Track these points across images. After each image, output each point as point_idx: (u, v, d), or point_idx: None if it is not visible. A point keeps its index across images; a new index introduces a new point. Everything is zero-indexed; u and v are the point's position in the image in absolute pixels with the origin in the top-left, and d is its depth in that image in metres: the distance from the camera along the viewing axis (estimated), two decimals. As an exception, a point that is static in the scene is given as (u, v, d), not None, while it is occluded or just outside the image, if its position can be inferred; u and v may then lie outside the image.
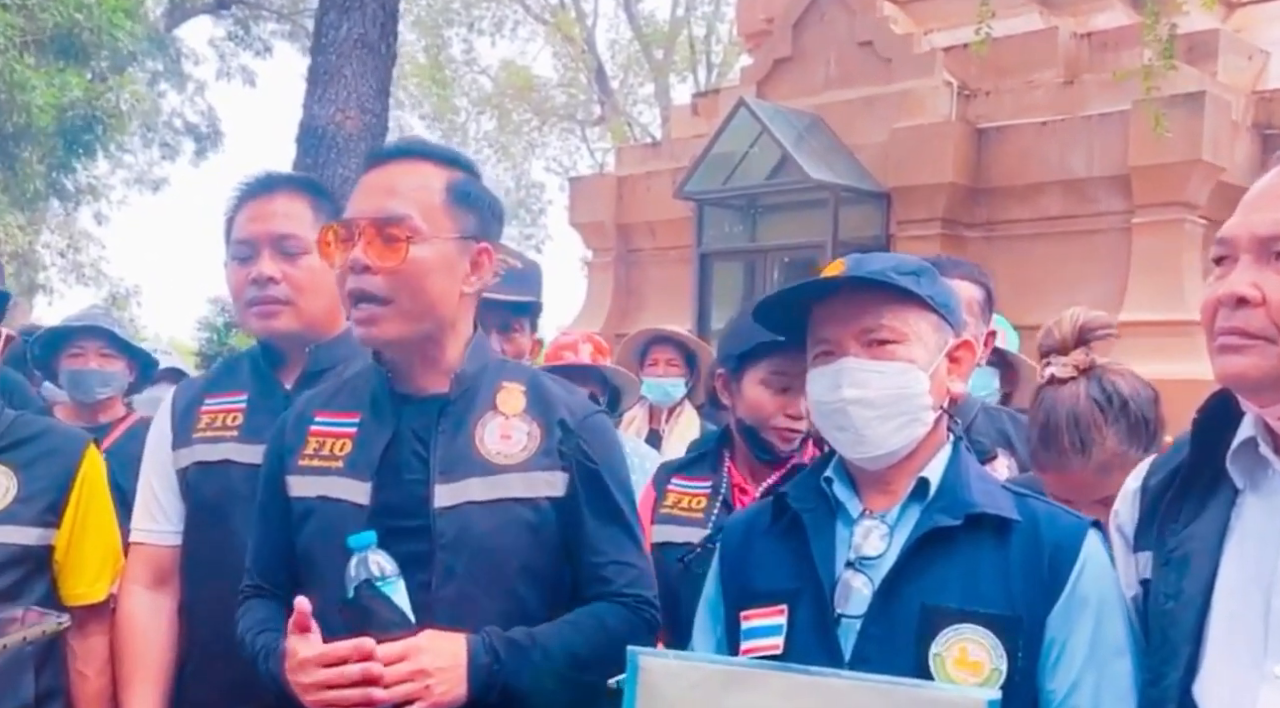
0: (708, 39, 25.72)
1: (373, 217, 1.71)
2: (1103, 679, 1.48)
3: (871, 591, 1.53)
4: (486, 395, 1.79)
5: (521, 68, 26.41)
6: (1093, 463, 1.84)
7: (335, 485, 1.75)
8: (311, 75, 6.25)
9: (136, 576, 2.15)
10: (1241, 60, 9.59)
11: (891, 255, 1.65)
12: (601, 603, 1.77)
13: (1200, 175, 8.31)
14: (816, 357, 1.63)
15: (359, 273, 1.69)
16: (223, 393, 2.18)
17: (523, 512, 1.73)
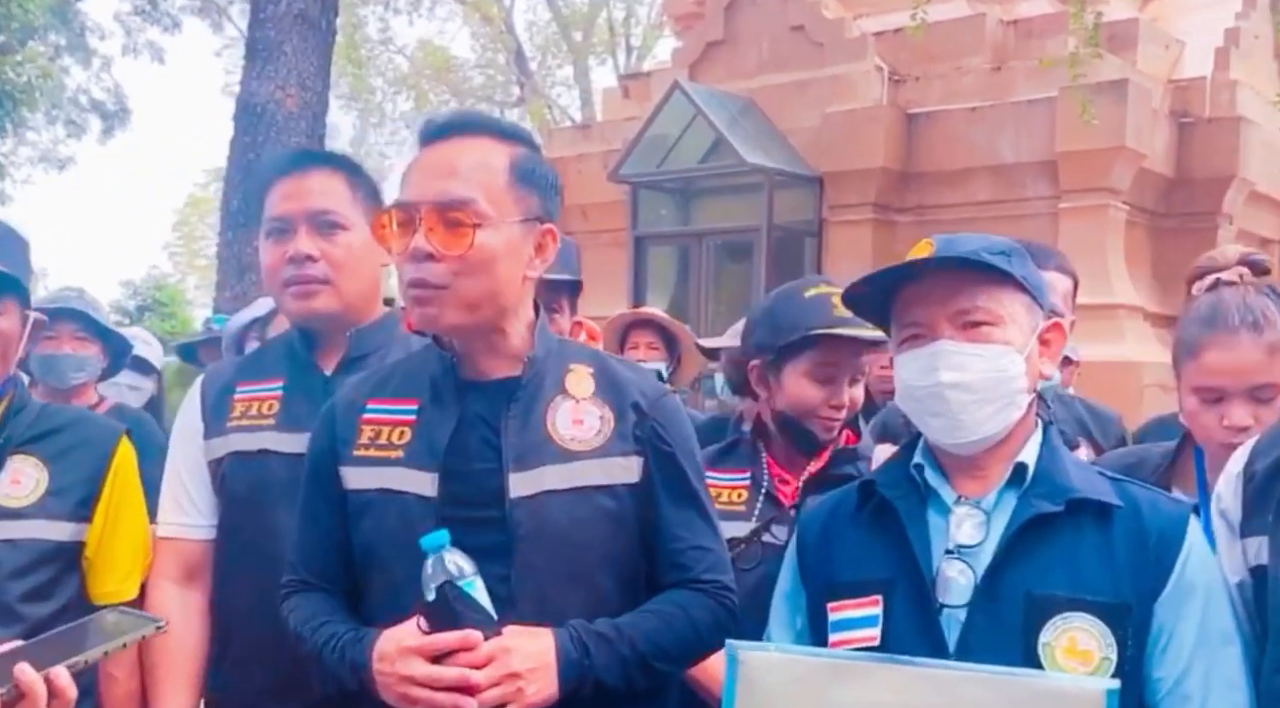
0: (627, 21, 25.66)
1: (435, 201, 1.60)
2: (1212, 667, 1.45)
3: (972, 579, 1.49)
4: (554, 379, 1.71)
5: (439, 48, 26.07)
6: (1264, 340, 1.83)
7: (396, 477, 1.67)
8: (249, 51, 6.06)
9: (166, 571, 2.04)
10: (1159, 49, 9.85)
11: (980, 236, 1.59)
12: (682, 591, 1.71)
13: (1124, 162, 8.52)
14: (905, 340, 1.57)
15: (421, 260, 1.60)
16: (257, 380, 2.07)
17: (601, 500, 1.66)
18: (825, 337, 2.09)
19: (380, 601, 1.67)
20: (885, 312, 1.64)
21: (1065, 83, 8.28)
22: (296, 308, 2.03)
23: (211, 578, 2.06)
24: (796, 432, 2.14)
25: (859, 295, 1.65)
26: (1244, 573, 1.52)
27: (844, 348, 2.10)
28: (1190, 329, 1.91)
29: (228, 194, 6.10)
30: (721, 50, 10.33)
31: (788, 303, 2.19)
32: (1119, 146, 8.37)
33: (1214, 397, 1.86)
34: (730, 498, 2.14)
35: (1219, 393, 1.85)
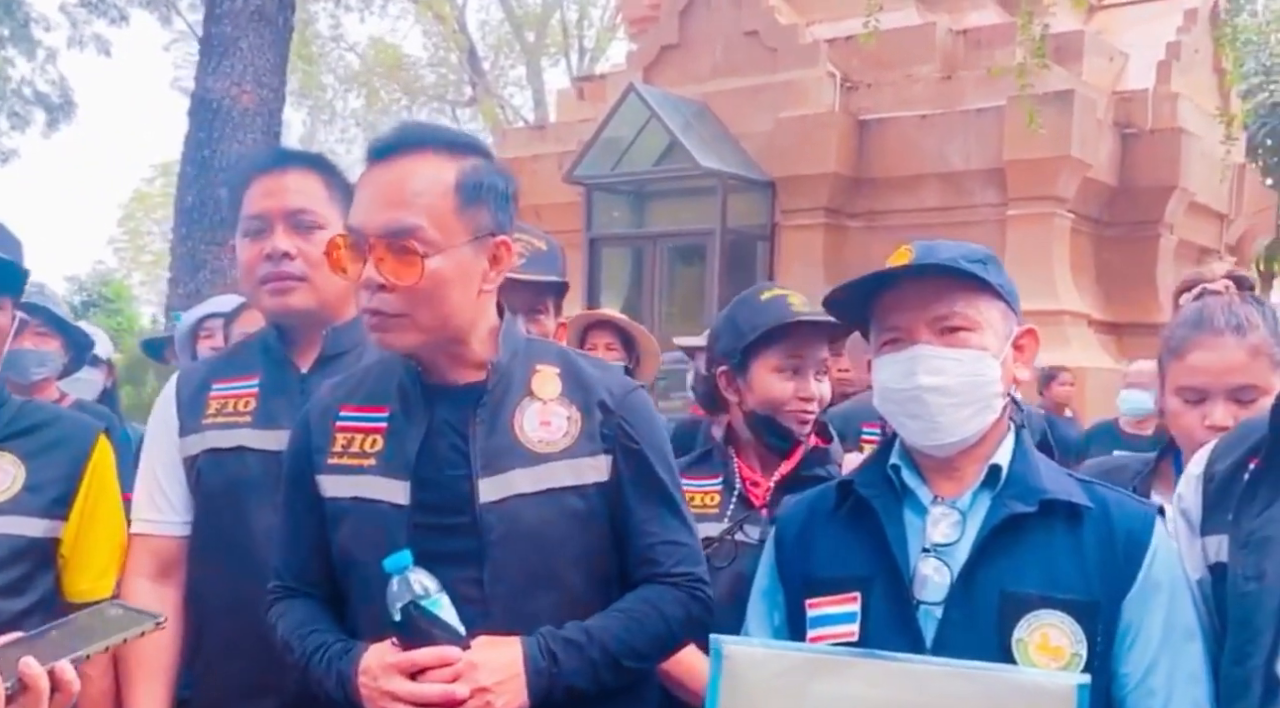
0: (580, 23, 25.67)
1: (382, 231, 1.59)
2: (1176, 662, 1.49)
3: (948, 577, 1.52)
4: (520, 380, 1.71)
5: (391, 46, 25.90)
6: (1246, 343, 1.89)
7: (370, 485, 1.67)
8: (205, 47, 6.01)
9: (140, 568, 2.03)
10: (1104, 61, 10.07)
11: (958, 244, 1.64)
12: (653, 586, 1.71)
13: (1069, 171, 8.70)
14: (884, 343, 1.61)
15: (374, 290, 1.59)
16: (232, 378, 2.07)
17: (571, 500, 1.66)
18: (788, 329, 2.14)
19: (359, 607, 1.68)
20: (864, 317, 1.67)
21: (1013, 92, 8.44)
22: (273, 304, 2.03)
23: (186, 575, 2.06)
24: (769, 430, 2.18)
25: (840, 300, 1.68)
26: (1203, 570, 1.56)
27: (807, 339, 2.15)
28: (1176, 332, 1.98)
29: (182, 190, 6.05)
30: (676, 54, 10.39)
31: (746, 307, 2.24)
32: (1065, 156, 8.54)
33: (1197, 397, 1.94)
34: (703, 502, 2.17)
35: (1202, 393, 1.93)
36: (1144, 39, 10.46)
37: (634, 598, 1.70)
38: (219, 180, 5.87)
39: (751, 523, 2.10)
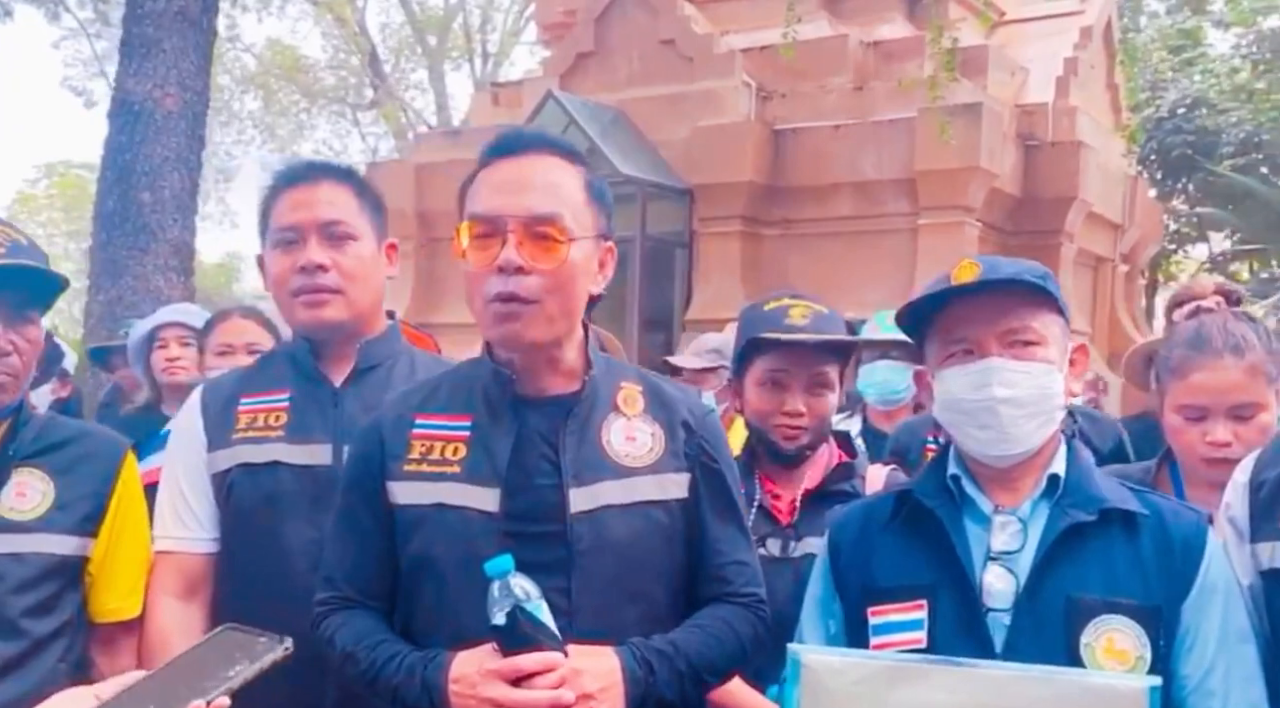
0: (483, 27, 25.53)
1: (525, 215, 1.60)
2: (1232, 663, 1.55)
3: (1014, 584, 1.56)
4: (606, 396, 1.73)
5: (288, 47, 25.42)
6: (1244, 363, 1.99)
7: (454, 492, 1.66)
8: (126, 48, 5.83)
9: (167, 586, 1.99)
10: (1006, 76, 10.39)
11: (1014, 261, 1.69)
12: (725, 606, 1.74)
13: (978, 181, 8.96)
14: (952, 356, 1.64)
15: (511, 274, 1.59)
16: (261, 391, 2.04)
17: (656, 514, 1.68)
18: (771, 343, 2.18)
19: (432, 616, 1.66)
20: (922, 328, 1.70)
21: (923, 104, 8.67)
22: (307, 317, 2.01)
23: (215, 592, 2.01)
24: (762, 442, 2.22)
25: (907, 312, 1.71)
26: (1254, 575, 1.63)
27: (792, 354, 2.18)
28: (1176, 352, 2.08)
29: (103, 195, 5.86)
30: (592, 61, 10.42)
31: (749, 316, 2.26)
32: (974, 166, 8.79)
33: (1197, 414, 2.04)
34: None
35: (1202, 411, 2.03)
36: (1043, 54, 10.82)
37: (709, 615, 1.72)
38: (142, 184, 5.71)
39: (774, 537, 2.12)
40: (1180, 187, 14.82)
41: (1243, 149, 13.59)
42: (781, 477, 2.25)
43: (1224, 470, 2.00)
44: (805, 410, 2.19)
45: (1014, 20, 11.52)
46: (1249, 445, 1.99)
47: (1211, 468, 2.03)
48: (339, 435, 1.97)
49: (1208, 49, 16.17)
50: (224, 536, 2.01)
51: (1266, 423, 2.03)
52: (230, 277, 28.32)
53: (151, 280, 5.80)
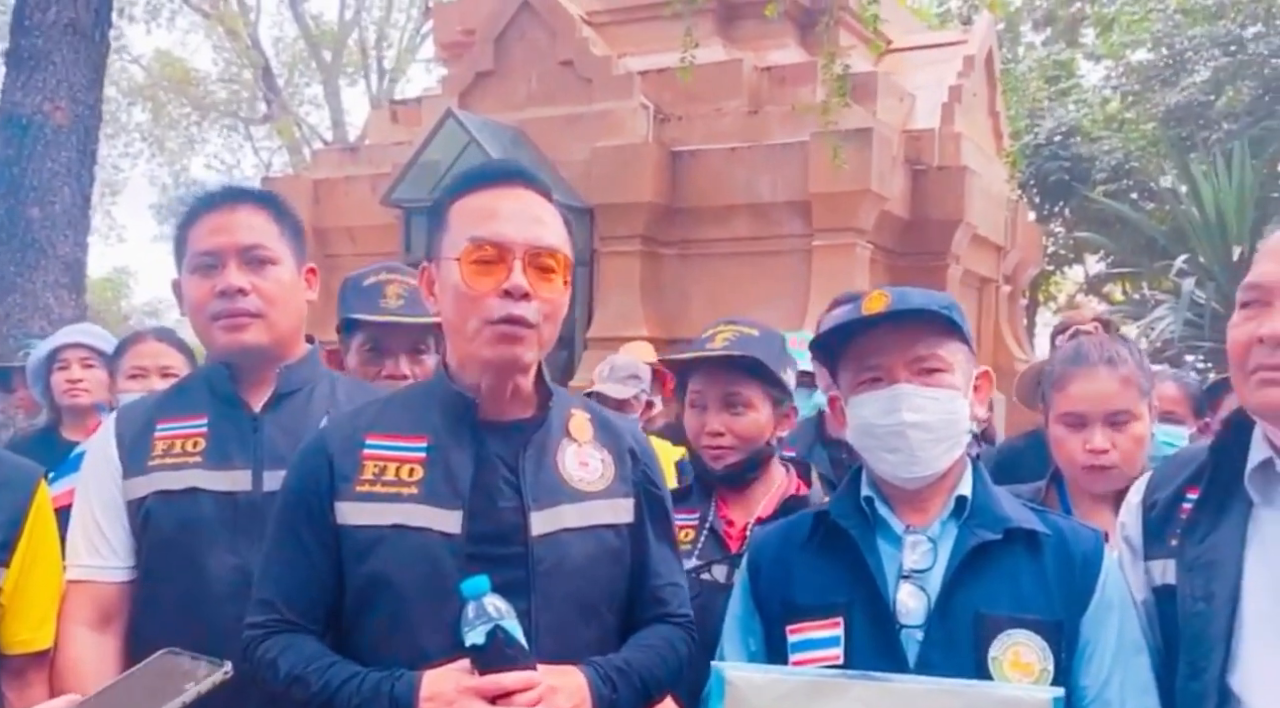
0: (379, 43, 25.33)
1: (531, 245, 1.67)
2: (1128, 674, 1.64)
3: (925, 601, 1.64)
4: (559, 422, 1.78)
5: (178, 59, 24.87)
6: (1118, 373, 2.16)
7: (413, 513, 1.67)
8: (13, 59, 5.70)
9: (80, 616, 1.94)
10: (894, 102, 10.71)
11: (924, 291, 1.79)
12: (664, 626, 1.82)
13: (869, 204, 9.23)
14: (862, 383, 1.72)
15: (517, 299, 1.65)
16: (177, 417, 2.02)
17: (609, 537, 1.75)
18: (688, 365, 2.28)
19: (387, 637, 1.67)
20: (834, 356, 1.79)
21: (816, 128, 8.92)
22: (227, 341, 2.01)
23: (129, 622, 1.99)
24: (697, 463, 2.31)
25: (820, 341, 1.81)
26: (1147, 591, 1.74)
27: (707, 375, 2.28)
28: (1057, 368, 2.25)
29: (-13, 211, 5.73)
30: (491, 80, 10.46)
31: (693, 343, 2.36)
32: (865, 190, 9.05)
33: (1077, 422, 2.21)
34: (679, 537, 2.17)
35: (1081, 418, 2.20)
36: (928, 82, 11.18)
37: (653, 635, 1.81)
38: (31, 200, 5.59)
39: (720, 564, 2.19)
40: (1057, 211, 15.45)
41: (1114, 176, 14.24)
42: (734, 501, 2.30)
43: (1102, 479, 2.18)
44: (724, 430, 2.26)
45: (900, 49, 11.88)
46: (1125, 453, 2.17)
47: (1091, 476, 2.20)
48: (259, 461, 1.96)
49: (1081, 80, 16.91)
50: (141, 564, 1.98)
51: (1139, 433, 2.21)
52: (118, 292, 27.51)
53: (41, 298, 5.68)
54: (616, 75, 10.03)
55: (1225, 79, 12.60)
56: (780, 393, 2.30)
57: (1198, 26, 13.36)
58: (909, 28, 12.59)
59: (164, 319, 30.86)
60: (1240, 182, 9.19)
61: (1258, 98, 11.95)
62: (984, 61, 11.89)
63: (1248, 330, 1.57)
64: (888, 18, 9.65)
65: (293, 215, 2.14)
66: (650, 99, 10.04)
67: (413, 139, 10.30)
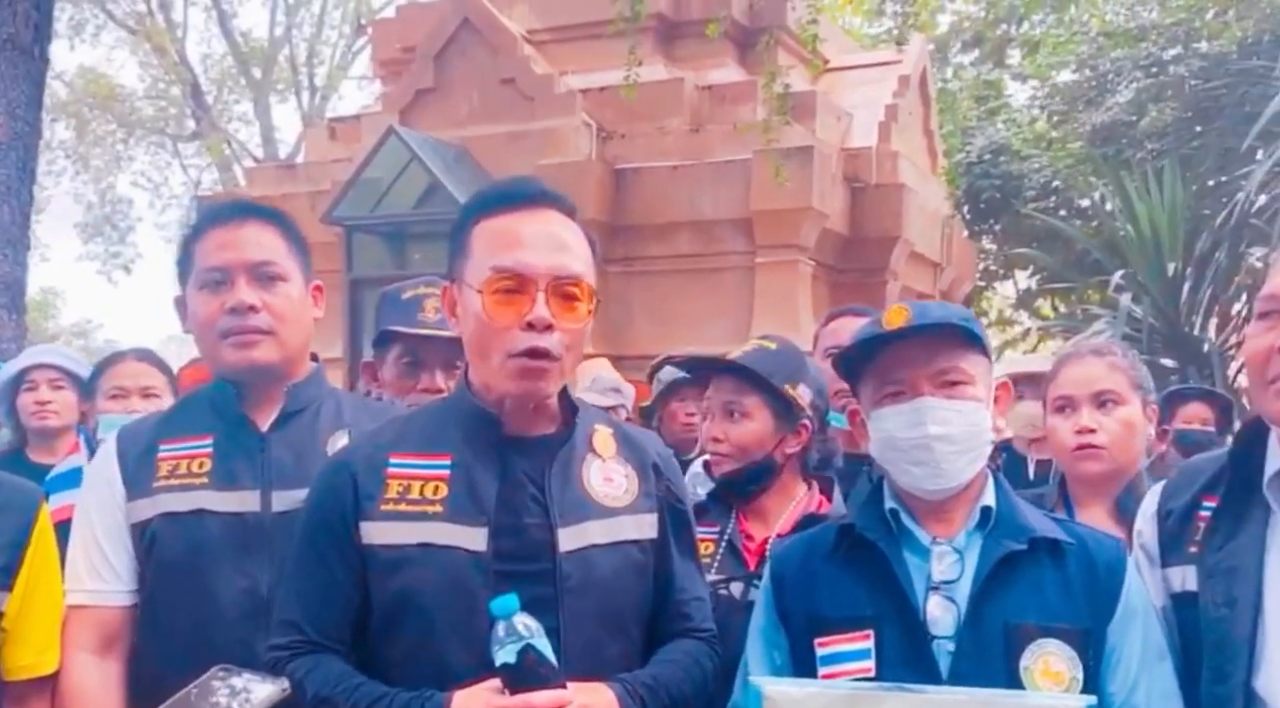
0: (310, 60, 25.08)
1: (555, 274, 1.64)
2: (1153, 680, 1.66)
3: (955, 612, 1.65)
4: (583, 438, 1.77)
5: (102, 75, 24.38)
6: (1105, 360, 2.28)
7: (438, 531, 1.66)
8: (-49, 75, 5.57)
9: (83, 642, 1.90)
10: (833, 120, 10.87)
11: (942, 304, 1.82)
12: (689, 641, 1.81)
13: (810, 221, 9.35)
14: (884, 397, 1.73)
15: (540, 330, 1.63)
16: (182, 437, 1.98)
17: (634, 553, 1.74)
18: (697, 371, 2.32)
19: (415, 656, 1.66)
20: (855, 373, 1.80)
21: (757, 146, 9.02)
22: (236, 359, 1.97)
23: (133, 647, 1.94)
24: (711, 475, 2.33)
25: (843, 358, 1.81)
26: (1165, 598, 1.77)
27: (715, 384, 2.31)
28: (1051, 369, 2.33)
29: (-74, 228, 5.56)
30: (432, 98, 10.42)
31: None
32: (806, 207, 9.17)
33: (1066, 404, 2.28)
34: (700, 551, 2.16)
35: (1069, 400, 2.27)
36: (865, 101, 11.37)
37: (677, 650, 1.79)
38: (-31, 217, 5.45)
39: (737, 581, 2.18)
40: (989, 228, 15.74)
41: (1043, 193, 14.55)
42: (752, 516, 2.30)
43: (1091, 463, 2.24)
44: (722, 437, 2.28)
45: (837, 68, 12.07)
46: (1113, 437, 2.23)
47: (1080, 459, 2.26)
48: (268, 482, 1.93)
49: (1009, 99, 17.28)
50: (146, 587, 1.94)
51: (1128, 418, 2.28)
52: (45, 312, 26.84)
53: (-8, 315, 5.54)
54: (558, 93, 10.05)
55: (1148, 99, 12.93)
56: (784, 407, 2.31)
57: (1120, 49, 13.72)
58: (844, 47, 12.79)
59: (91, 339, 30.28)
60: (1172, 199, 9.45)
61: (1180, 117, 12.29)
62: (918, 81, 12.12)
63: (1267, 341, 1.60)
64: (824, 37, 9.79)
65: (299, 232, 2.11)
66: (592, 117, 10.08)
67: (352, 156, 10.23)
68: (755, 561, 2.23)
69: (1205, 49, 12.45)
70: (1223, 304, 9.84)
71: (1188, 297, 9.40)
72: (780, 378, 2.29)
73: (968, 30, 18.94)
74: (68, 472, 2.82)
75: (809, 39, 9.07)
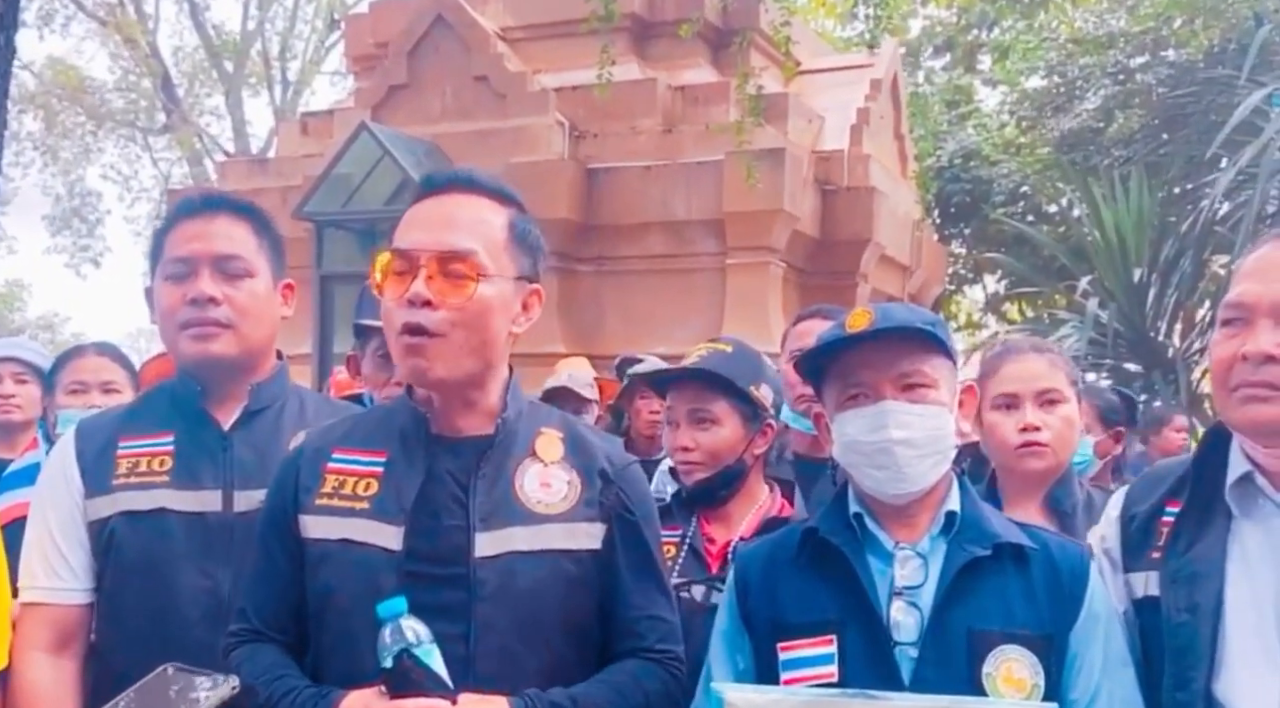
0: (283, 55, 24.91)
1: (437, 250, 1.62)
2: (1115, 687, 1.66)
3: (918, 618, 1.64)
4: (525, 440, 1.73)
5: (71, 67, 24.12)
6: (1045, 357, 2.32)
7: (360, 528, 1.65)
8: (-85, 65, 5.50)
9: (36, 640, 1.88)
10: (804, 123, 10.91)
11: (907, 307, 1.80)
12: (634, 661, 1.74)
13: (781, 223, 9.38)
14: (847, 400, 1.72)
15: (418, 307, 1.60)
16: (142, 434, 1.95)
17: (565, 564, 1.68)
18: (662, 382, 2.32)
19: (333, 652, 1.66)
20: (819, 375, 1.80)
21: (729, 148, 9.04)
22: (193, 351, 1.95)
23: (93, 645, 1.92)
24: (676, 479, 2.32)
25: (805, 360, 1.81)
26: (1127, 603, 1.78)
27: (676, 391, 2.30)
28: (988, 362, 2.36)
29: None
30: (405, 94, 10.39)
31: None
32: (778, 209, 9.20)
33: (1010, 402, 2.30)
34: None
35: (1013, 398, 2.30)
36: (836, 104, 11.41)
37: (617, 670, 1.73)
38: (-67, 208, 5.40)
39: (700, 584, 2.16)
40: (959, 231, 15.85)
41: (1012, 198, 14.67)
42: (715, 519, 2.28)
43: (1035, 460, 2.27)
44: (693, 445, 2.26)
45: (809, 70, 12.11)
46: (1056, 434, 2.27)
47: (1025, 457, 2.29)
48: (229, 482, 1.92)
49: (980, 105, 17.40)
50: (106, 586, 1.92)
51: (1069, 415, 2.32)
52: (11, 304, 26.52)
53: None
54: (531, 91, 10.05)
55: (1115, 106, 13.07)
56: (750, 408, 2.30)
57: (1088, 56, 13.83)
58: (816, 50, 12.84)
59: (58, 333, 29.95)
60: (1139, 206, 9.54)
61: (1147, 124, 12.42)
62: (890, 85, 12.17)
63: (1230, 348, 1.61)
64: (797, 39, 9.83)
65: (273, 229, 2.09)
66: (565, 116, 10.07)
67: (324, 151, 10.18)
68: (717, 564, 2.22)
69: (1172, 57, 12.59)
70: (1187, 310, 9.95)
71: (1153, 302, 9.50)
72: (745, 380, 2.29)
73: (939, 35, 19.06)
74: (23, 468, 2.79)
75: (782, 41, 9.12)
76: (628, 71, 10.17)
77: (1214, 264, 9.84)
